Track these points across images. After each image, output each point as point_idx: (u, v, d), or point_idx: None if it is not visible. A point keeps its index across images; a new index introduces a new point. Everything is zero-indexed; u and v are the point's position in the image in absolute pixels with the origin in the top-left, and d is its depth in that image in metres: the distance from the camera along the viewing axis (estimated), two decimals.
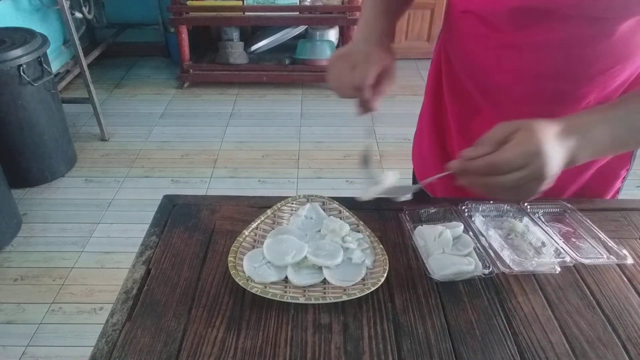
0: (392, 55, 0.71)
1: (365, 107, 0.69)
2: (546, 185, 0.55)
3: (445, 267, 0.67)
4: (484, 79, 0.77)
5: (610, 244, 0.71)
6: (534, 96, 0.72)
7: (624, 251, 0.70)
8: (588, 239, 0.73)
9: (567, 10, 0.61)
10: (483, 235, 0.74)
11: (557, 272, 0.68)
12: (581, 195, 0.84)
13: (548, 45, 0.66)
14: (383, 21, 0.75)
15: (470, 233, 0.73)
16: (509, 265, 0.68)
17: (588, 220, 0.75)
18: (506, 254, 0.69)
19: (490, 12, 0.68)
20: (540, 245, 0.72)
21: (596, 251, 0.71)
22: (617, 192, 0.88)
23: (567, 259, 0.69)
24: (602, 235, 0.73)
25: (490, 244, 0.72)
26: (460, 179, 0.59)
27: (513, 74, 0.71)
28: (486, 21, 0.69)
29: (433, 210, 0.78)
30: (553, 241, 0.72)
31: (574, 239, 0.73)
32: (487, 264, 0.68)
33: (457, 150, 0.89)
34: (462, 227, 0.74)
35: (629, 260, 0.69)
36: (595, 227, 0.74)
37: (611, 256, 0.70)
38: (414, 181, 1.05)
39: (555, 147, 0.55)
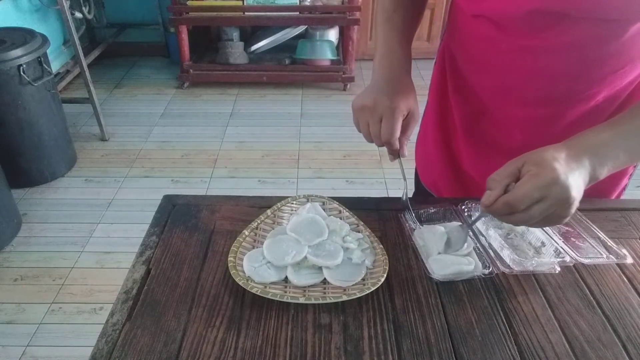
0: (413, 93, 0.74)
1: (395, 154, 0.74)
2: (575, 206, 0.56)
3: (445, 267, 0.67)
4: (494, 80, 0.76)
5: (610, 244, 0.71)
6: (545, 97, 0.72)
7: (624, 251, 0.70)
8: (588, 239, 0.73)
9: (581, 13, 0.61)
10: (483, 235, 0.74)
11: (557, 271, 0.68)
12: (588, 192, 0.84)
13: (562, 47, 0.66)
14: (401, 49, 0.76)
15: (470, 233, 0.73)
16: (509, 265, 0.68)
17: (588, 220, 0.75)
18: (506, 254, 0.69)
19: (504, 16, 0.68)
20: (540, 245, 0.72)
21: (596, 251, 0.71)
22: (624, 188, 0.88)
23: (567, 258, 0.69)
24: (602, 235, 0.73)
25: (490, 244, 0.72)
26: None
27: (526, 76, 0.71)
28: (499, 25, 0.69)
29: (433, 210, 0.78)
30: (553, 241, 0.72)
31: (573, 239, 0.73)
32: (487, 264, 0.68)
33: (463, 150, 0.89)
34: (445, 227, 0.74)
35: (629, 260, 0.69)
36: (595, 227, 0.74)
37: (611, 256, 0.70)
38: (417, 180, 1.05)
39: (571, 170, 0.55)
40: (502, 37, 0.69)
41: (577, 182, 0.56)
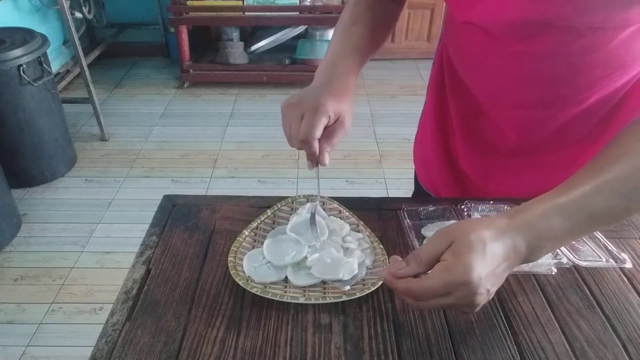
0: (349, 101, 0.67)
1: (314, 160, 0.64)
2: (485, 299, 0.51)
3: None
4: (485, 83, 0.77)
5: (610, 247, 0.71)
6: (535, 101, 0.73)
7: (624, 255, 0.70)
8: (587, 242, 0.73)
9: (567, 22, 0.61)
10: None
11: (554, 273, 0.68)
12: None
13: (548, 54, 0.66)
14: (347, 63, 0.70)
15: None
16: None
17: None
18: None
19: (490, 24, 0.68)
20: None
21: (595, 254, 0.71)
22: None
23: (564, 260, 0.69)
24: (602, 238, 0.73)
25: None
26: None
27: (514, 80, 0.72)
28: (487, 32, 0.69)
29: (432, 209, 0.78)
30: None
31: (573, 242, 0.73)
32: None
33: (460, 150, 0.89)
34: None
35: (628, 264, 0.69)
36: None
37: (610, 260, 0.69)
38: (416, 182, 1.05)
39: (494, 265, 0.50)
40: (490, 43, 0.70)
41: (493, 276, 0.50)
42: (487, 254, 0.49)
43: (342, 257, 0.67)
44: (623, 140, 0.56)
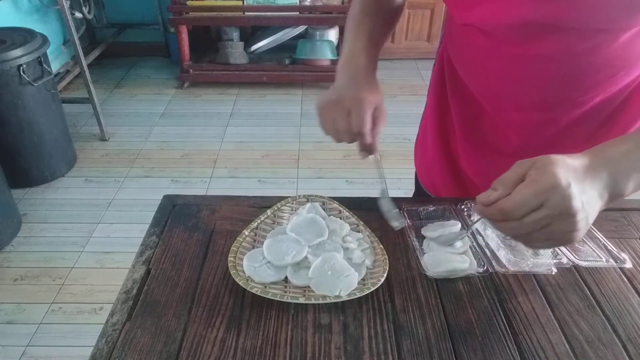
0: (380, 90, 0.72)
1: (368, 150, 0.71)
2: (585, 222, 0.50)
3: (439, 264, 0.68)
4: (487, 85, 0.77)
5: (610, 247, 0.71)
6: (538, 102, 0.72)
7: (624, 255, 0.70)
8: (588, 242, 0.73)
9: (571, 24, 0.61)
10: (481, 235, 0.74)
11: (554, 273, 0.68)
12: None
13: (551, 56, 0.65)
14: (366, 54, 0.74)
15: (468, 232, 0.73)
16: (504, 265, 0.68)
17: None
18: (502, 254, 0.70)
19: (490, 27, 0.68)
20: None
21: (595, 254, 0.71)
22: None
23: (564, 260, 0.69)
24: (602, 238, 0.73)
25: (487, 243, 0.72)
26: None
27: (517, 83, 0.71)
28: (488, 34, 0.69)
29: (432, 209, 0.78)
30: None
31: None
32: (482, 263, 0.68)
33: (461, 151, 0.89)
34: (459, 225, 0.74)
35: (628, 264, 0.69)
36: (596, 230, 0.74)
37: (610, 260, 0.69)
38: (416, 183, 1.05)
39: (579, 179, 0.50)
40: (492, 45, 0.70)
41: (585, 195, 0.49)
42: (569, 165, 0.50)
43: (343, 269, 0.67)
44: None
